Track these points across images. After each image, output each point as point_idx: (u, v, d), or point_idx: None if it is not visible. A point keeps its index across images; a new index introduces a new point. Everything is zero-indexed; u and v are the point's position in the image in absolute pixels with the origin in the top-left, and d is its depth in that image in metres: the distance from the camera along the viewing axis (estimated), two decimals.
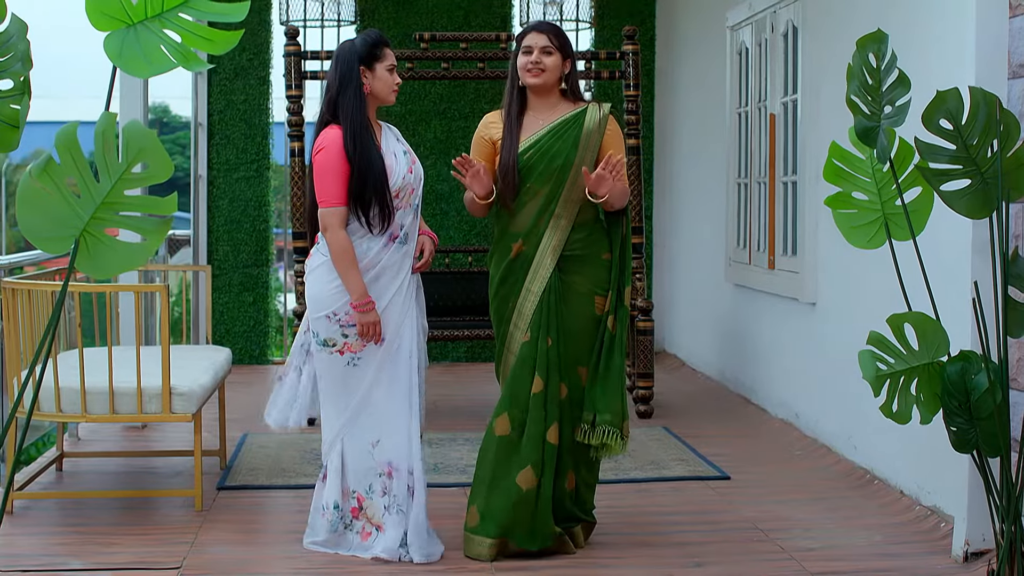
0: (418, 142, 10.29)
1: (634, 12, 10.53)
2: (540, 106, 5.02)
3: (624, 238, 5.02)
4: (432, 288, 8.26)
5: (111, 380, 5.36)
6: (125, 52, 3.35)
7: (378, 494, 4.91)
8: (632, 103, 7.96)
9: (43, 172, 3.17)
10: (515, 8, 10.34)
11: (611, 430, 4.89)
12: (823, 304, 6.89)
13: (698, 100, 9.69)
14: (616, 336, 4.95)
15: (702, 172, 9.50)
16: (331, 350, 4.89)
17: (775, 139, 7.68)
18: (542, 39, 4.93)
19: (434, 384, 9.21)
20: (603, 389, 4.91)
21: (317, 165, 4.83)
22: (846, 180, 4.53)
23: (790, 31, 7.46)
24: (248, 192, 10.19)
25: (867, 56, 4.23)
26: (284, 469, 6.39)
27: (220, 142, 10.17)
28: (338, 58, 4.89)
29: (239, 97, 10.17)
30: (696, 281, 9.73)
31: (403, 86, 10.21)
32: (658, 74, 10.63)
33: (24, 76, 3.43)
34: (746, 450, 6.92)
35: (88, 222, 3.20)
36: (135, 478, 6.29)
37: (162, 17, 3.41)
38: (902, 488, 5.79)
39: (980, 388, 4.11)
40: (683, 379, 9.47)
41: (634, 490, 6.04)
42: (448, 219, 10.32)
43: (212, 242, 10.18)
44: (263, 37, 10.21)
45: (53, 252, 3.37)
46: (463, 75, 7.99)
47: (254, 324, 10.24)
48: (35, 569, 4.81)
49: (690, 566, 4.88)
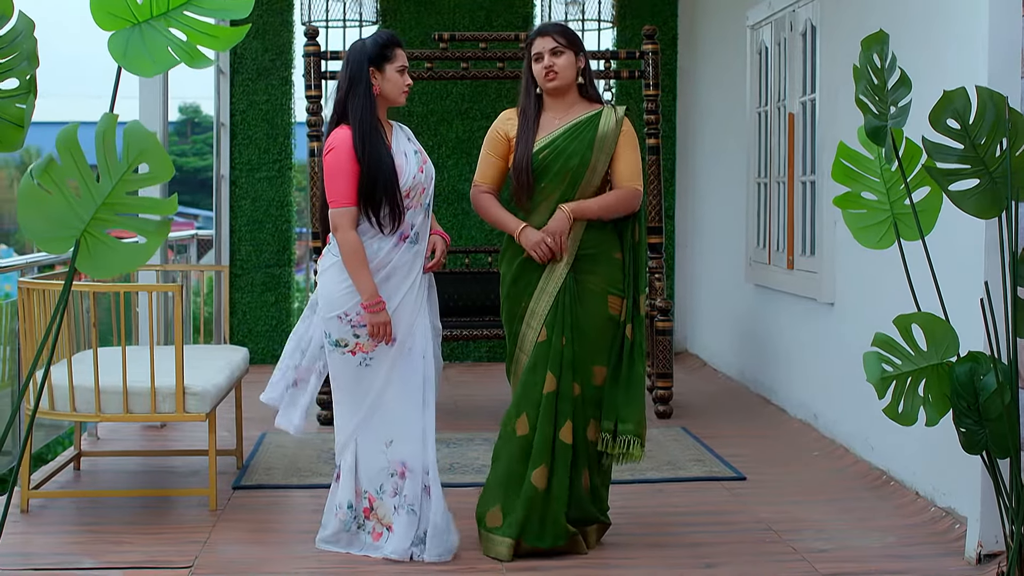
0: (439, 142, 10.31)
1: (656, 11, 10.50)
2: (557, 106, 5.01)
3: (635, 244, 5.00)
4: (453, 288, 8.28)
5: (125, 380, 5.38)
6: (130, 51, 3.37)
7: (388, 494, 4.92)
8: (652, 103, 7.94)
9: (44, 173, 3.19)
10: (537, 8, 10.33)
11: (633, 439, 4.89)
12: (841, 304, 6.86)
13: (720, 99, 9.67)
14: (635, 343, 4.94)
15: (723, 172, 9.48)
16: (343, 350, 4.90)
17: (794, 138, 7.66)
18: (549, 42, 4.92)
19: (455, 384, 9.24)
20: (626, 398, 4.90)
21: (327, 165, 4.84)
22: (855, 180, 4.51)
23: (808, 30, 7.43)
24: (270, 192, 10.23)
25: (872, 56, 4.21)
26: (300, 468, 6.41)
27: (243, 142, 10.20)
28: (348, 58, 4.90)
29: (261, 97, 10.21)
30: (717, 281, 9.71)
31: (424, 86, 10.30)
32: (681, 73, 10.60)
33: (31, 75, 3.44)
34: (764, 451, 6.89)
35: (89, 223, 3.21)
36: (152, 477, 6.32)
37: (167, 16, 3.42)
38: (918, 489, 5.76)
39: (989, 389, 4.08)
40: (704, 379, 9.45)
41: (649, 490, 6.03)
42: (470, 219, 10.32)
43: (235, 242, 10.22)
44: (285, 38, 10.25)
45: (54, 252, 3.39)
46: (482, 75, 7.98)
47: (276, 324, 10.27)
48: (46, 568, 4.84)
49: (700, 567, 4.86)
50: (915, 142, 4.39)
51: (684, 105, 10.60)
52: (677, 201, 10.67)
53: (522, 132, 5.00)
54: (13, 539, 5.23)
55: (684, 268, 10.70)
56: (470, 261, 8.96)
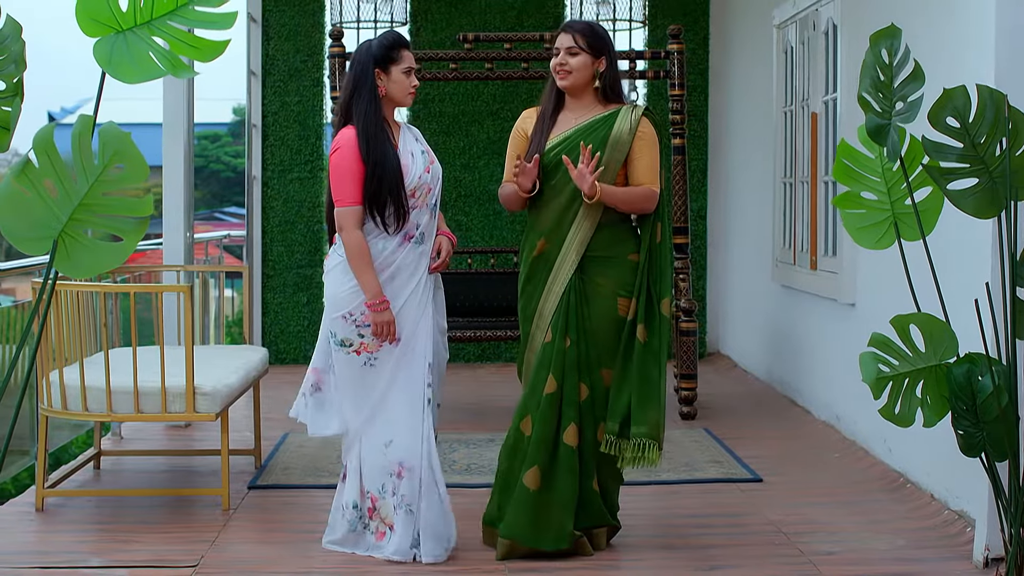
0: (471, 143, 10.33)
1: (688, 11, 10.46)
2: (575, 106, 4.99)
3: (654, 244, 4.90)
4: (479, 288, 8.30)
5: (136, 380, 5.42)
6: (114, 58, 3.39)
7: (389, 494, 4.92)
8: (677, 102, 7.91)
9: (21, 174, 3.22)
10: (568, 8, 10.31)
11: (649, 443, 4.82)
12: (862, 305, 6.81)
13: (749, 99, 9.62)
14: (649, 347, 4.85)
15: (752, 172, 9.43)
16: (348, 350, 4.91)
17: (817, 138, 7.61)
18: (567, 40, 4.90)
19: (485, 384, 9.26)
20: (639, 400, 4.82)
21: (333, 165, 4.85)
22: (855, 179, 4.47)
23: (830, 29, 7.38)
24: (302, 193, 10.27)
25: (880, 52, 4.17)
26: (318, 468, 6.43)
27: (274, 143, 10.26)
28: (354, 59, 4.92)
29: (293, 99, 10.26)
30: (747, 282, 9.66)
31: (456, 87, 10.32)
32: (712, 73, 10.55)
33: (18, 78, 3.48)
34: (784, 453, 6.85)
35: (66, 223, 3.24)
36: (170, 477, 6.36)
37: (151, 24, 3.45)
38: (932, 492, 5.71)
39: (986, 391, 4.04)
40: (733, 380, 9.40)
41: (663, 492, 6.01)
42: (501, 219, 10.32)
43: (267, 243, 10.27)
44: (316, 39, 10.29)
45: (33, 253, 3.42)
46: (507, 75, 7.98)
47: (308, 324, 10.31)
48: (54, 566, 4.88)
49: (704, 569, 4.84)
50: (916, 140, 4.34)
51: (716, 105, 10.55)
52: (709, 201, 10.61)
53: (537, 129, 5.00)
54: (25, 537, 5.31)
55: (716, 268, 10.65)
56: (496, 261, 8.96)
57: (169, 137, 7.44)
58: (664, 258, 4.92)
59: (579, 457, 4.89)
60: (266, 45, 10.24)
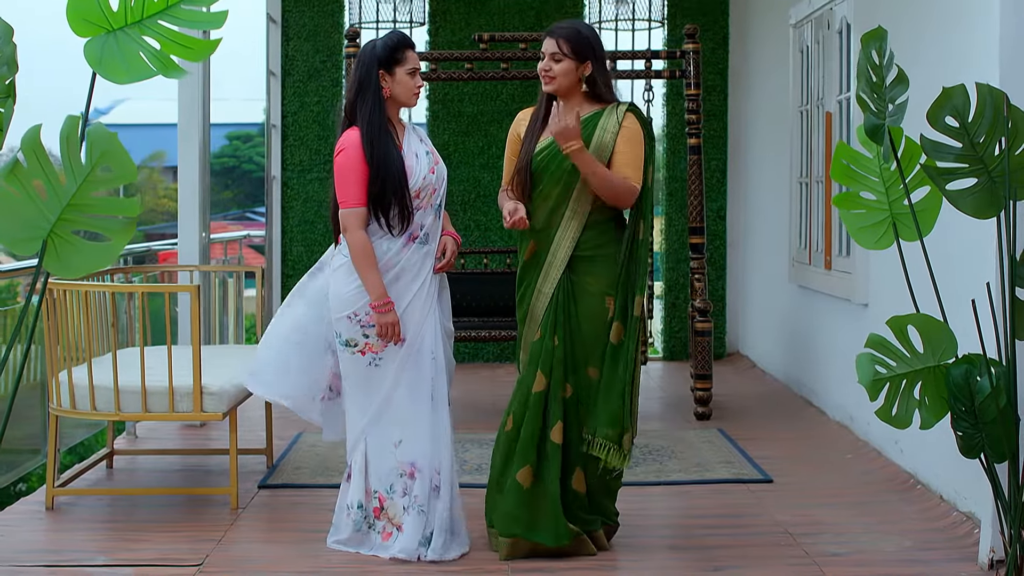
0: (490, 142, 10.32)
1: (707, 11, 10.43)
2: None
3: (634, 241, 4.89)
4: (496, 288, 8.29)
5: (143, 379, 5.45)
6: (105, 58, 3.41)
7: (399, 494, 4.93)
8: (693, 102, 7.88)
9: (10, 174, 3.24)
10: (586, 8, 10.30)
11: (609, 445, 4.83)
12: (875, 305, 6.77)
13: (767, 99, 9.59)
14: (622, 347, 4.86)
15: (770, 171, 9.40)
16: (353, 350, 4.92)
17: (831, 137, 7.58)
18: (551, 45, 4.87)
19: (501, 384, 9.25)
20: (604, 401, 4.85)
21: (337, 166, 4.86)
22: (854, 179, 4.46)
23: (844, 28, 7.35)
24: (321, 193, 10.29)
25: (870, 54, 4.15)
26: (329, 468, 6.44)
27: (294, 143, 10.29)
28: (359, 60, 4.92)
29: (312, 99, 10.28)
30: (764, 282, 9.64)
31: (475, 87, 10.31)
32: (731, 73, 10.51)
33: (10, 80, 3.50)
34: (797, 453, 6.83)
35: (55, 223, 3.26)
36: (182, 476, 6.38)
37: (142, 24, 3.46)
38: (942, 493, 5.68)
39: (984, 392, 4.01)
40: (751, 381, 9.37)
41: (672, 492, 6.00)
42: None
43: (286, 243, 10.30)
44: (335, 39, 10.31)
45: (22, 253, 3.44)
46: (522, 75, 7.97)
47: None
48: (59, 564, 4.91)
49: (708, 570, 4.83)
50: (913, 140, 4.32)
51: (735, 105, 10.52)
52: (729, 202, 10.58)
53: (528, 133, 5.00)
54: (34, 535, 5.33)
55: (735, 268, 10.62)
56: (513, 261, 8.95)
57: (184, 138, 7.46)
58: (640, 256, 4.91)
59: (561, 455, 4.89)
60: (285, 46, 10.27)
